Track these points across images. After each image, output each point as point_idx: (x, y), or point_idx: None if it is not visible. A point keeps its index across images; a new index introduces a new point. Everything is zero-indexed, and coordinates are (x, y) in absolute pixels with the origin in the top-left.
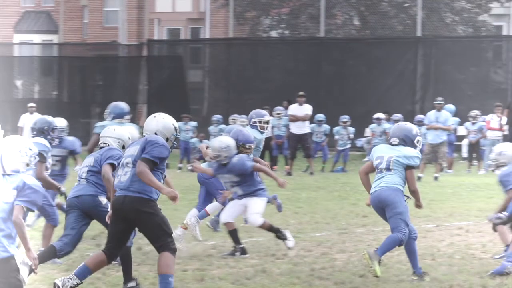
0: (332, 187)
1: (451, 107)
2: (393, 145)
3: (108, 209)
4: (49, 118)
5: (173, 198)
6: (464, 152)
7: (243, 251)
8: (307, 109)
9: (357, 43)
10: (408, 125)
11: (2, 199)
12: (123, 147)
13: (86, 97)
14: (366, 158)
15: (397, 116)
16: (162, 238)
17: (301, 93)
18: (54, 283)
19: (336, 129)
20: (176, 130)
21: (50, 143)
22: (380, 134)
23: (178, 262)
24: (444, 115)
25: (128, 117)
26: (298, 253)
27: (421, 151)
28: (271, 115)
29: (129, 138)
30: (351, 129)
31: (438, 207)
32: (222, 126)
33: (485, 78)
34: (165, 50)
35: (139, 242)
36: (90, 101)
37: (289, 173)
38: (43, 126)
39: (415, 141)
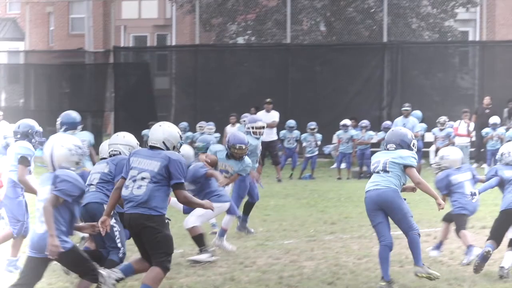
0: (300, 194)
1: (418, 113)
2: (389, 150)
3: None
4: (32, 121)
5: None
6: (432, 159)
7: (210, 253)
8: (274, 116)
9: (324, 49)
10: (402, 129)
11: (45, 196)
12: None
13: (53, 104)
14: (334, 165)
15: (365, 122)
16: (159, 256)
17: (268, 100)
18: (100, 273)
19: (303, 136)
20: (181, 137)
21: (34, 147)
22: (346, 140)
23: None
24: (411, 121)
25: (80, 126)
26: (267, 261)
27: None
28: (238, 122)
29: (137, 143)
30: (319, 136)
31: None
32: (189, 133)
33: (452, 84)
34: (131, 57)
35: None
36: (57, 108)
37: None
38: (27, 129)
39: (411, 145)
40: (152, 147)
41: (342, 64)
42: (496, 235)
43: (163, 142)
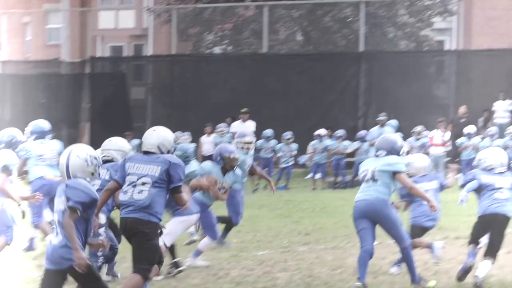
0: (275, 204)
1: (394, 122)
2: (379, 156)
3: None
4: (15, 131)
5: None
6: None
7: (177, 265)
8: (250, 125)
9: (300, 58)
10: (393, 136)
11: (59, 207)
12: None
13: (28, 115)
14: (309, 176)
15: (340, 132)
16: (142, 263)
17: (244, 109)
18: None
19: (278, 146)
20: (174, 142)
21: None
22: (321, 150)
23: (119, 281)
24: (387, 131)
25: (49, 135)
26: (240, 272)
27: None
28: (213, 132)
29: (130, 148)
30: (294, 146)
31: None
32: None
33: (428, 93)
34: (108, 67)
35: None
36: (32, 119)
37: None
38: (11, 139)
39: (400, 152)
40: (147, 152)
41: (318, 73)
42: (476, 240)
43: (158, 147)
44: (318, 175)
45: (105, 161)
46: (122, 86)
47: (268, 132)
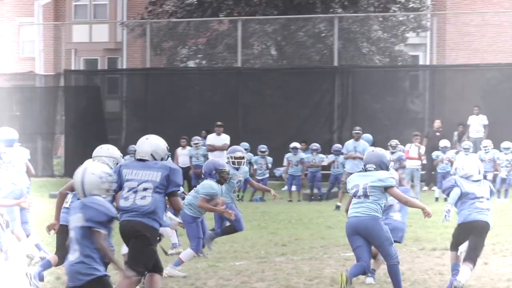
0: (251, 216)
1: (369, 136)
2: (368, 171)
3: None
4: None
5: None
6: None
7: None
8: (225, 139)
9: (275, 73)
10: (381, 151)
11: (76, 224)
12: (117, 164)
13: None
14: (285, 188)
15: (315, 145)
16: (138, 265)
17: (219, 123)
18: None
19: (254, 158)
20: (168, 149)
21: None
22: (296, 163)
23: None
24: (362, 145)
25: (18, 144)
26: (218, 282)
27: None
28: (189, 145)
29: (120, 156)
30: (269, 159)
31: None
32: None
33: (402, 108)
34: (82, 80)
35: (58, 272)
36: None
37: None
38: None
39: (389, 166)
40: (140, 160)
41: (293, 87)
42: (457, 244)
43: (151, 155)
44: (293, 187)
45: None
46: (96, 99)
47: (245, 144)
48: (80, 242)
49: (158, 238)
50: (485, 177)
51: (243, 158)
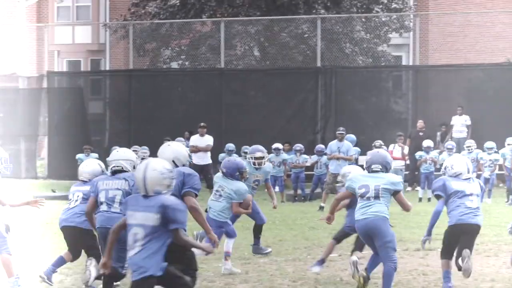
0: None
1: (353, 137)
2: (373, 171)
3: None
4: None
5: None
6: None
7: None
8: (208, 140)
9: (258, 73)
10: (383, 152)
11: (144, 222)
12: (134, 168)
13: None
14: (276, 189)
15: (299, 146)
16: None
17: (202, 124)
18: None
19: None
20: (189, 156)
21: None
22: (278, 164)
23: None
24: (345, 145)
25: None
26: (201, 284)
27: (324, 181)
28: None
29: (136, 157)
30: None
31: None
32: None
33: (386, 108)
34: (65, 82)
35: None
36: None
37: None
38: None
39: (389, 167)
40: None
41: (276, 88)
42: (450, 250)
43: (173, 161)
44: (276, 188)
45: (115, 172)
46: (79, 101)
47: (231, 146)
48: (146, 240)
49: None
50: (478, 177)
51: (263, 158)
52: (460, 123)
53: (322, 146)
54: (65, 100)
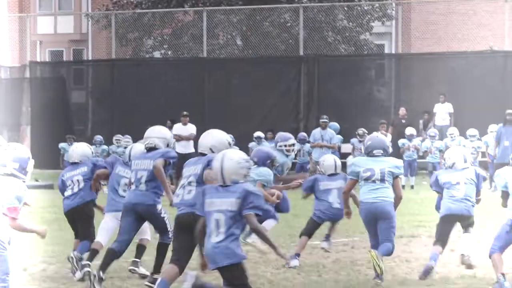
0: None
1: (336, 125)
2: (375, 156)
3: (163, 214)
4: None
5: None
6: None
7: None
8: (191, 128)
9: (240, 63)
10: (382, 136)
11: (225, 207)
12: (168, 146)
13: None
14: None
15: None
16: (182, 259)
17: (184, 113)
18: None
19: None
20: (230, 144)
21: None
22: None
23: None
24: (329, 133)
25: None
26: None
27: (307, 168)
28: None
29: (171, 136)
30: (236, 148)
31: (323, 224)
32: (104, 147)
33: (369, 96)
34: (48, 72)
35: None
36: None
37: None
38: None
39: (388, 151)
40: (201, 154)
41: (259, 77)
42: (442, 238)
43: (210, 149)
44: None
45: (149, 149)
46: (62, 90)
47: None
48: (229, 225)
49: None
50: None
51: (294, 145)
52: (442, 111)
53: (305, 134)
54: (48, 89)
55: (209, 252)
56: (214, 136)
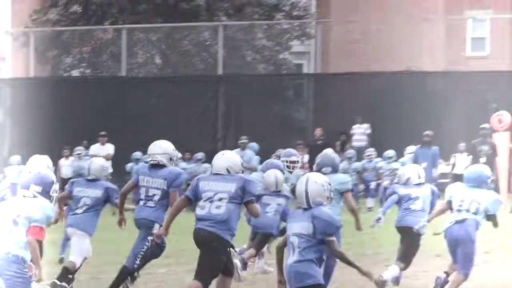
0: (135, 227)
1: (255, 145)
2: (324, 174)
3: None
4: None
5: None
6: None
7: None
8: (109, 148)
9: (159, 81)
10: (332, 153)
11: (299, 230)
12: (171, 160)
13: None
14: None
15: (200, 155)
16: (206, 275)
17: (102, 133)
18: None
19: (136, 167)
20: (242, 165)
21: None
22: None
23: None
24: (248, 154)
25: None
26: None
27: None
28: (71, 155)
29: (173, 149)
30: None
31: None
32: (23, 166)
33: (287, 116)
34: None
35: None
36: None
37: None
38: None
39: (338, 169)
40: (216, 174)
41: (177, 96)
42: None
43: (227, 169)
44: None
45: (152, 165)
46: None
47: (138, 154)
48: (304, 247)
49: (228, 249)
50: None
51: (297, 162)
52: (360, 132)
53: None
54: None
55: (286, 271)
56: (229, 158)
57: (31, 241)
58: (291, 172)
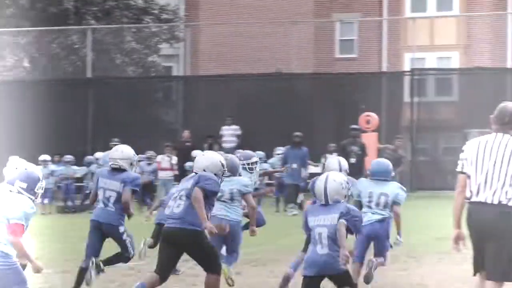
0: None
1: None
2: (225, 176)
3: (125, 237)
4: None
5: (210, 234)
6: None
7: None
8: None
9: (27, 85)
10: (235, 158)
11: (328, 222)
12: (131, 164)
13: None
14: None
15: (68, 157)
16: (212, 264)
17: None
18: None
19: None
20: (223, 166)
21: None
22: (47, 176)
23: None
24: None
25: None
26: None
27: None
28: None
29: (134, 155)
30: None
31: None
32: None
33: (157, 118)
34: None
35: None
36: None
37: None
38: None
39: (237, 173)
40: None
41: (46, 100)
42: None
43: (204, 169)
44: (46, 200)
45: (113, 169)
46: None
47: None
48: (332, 239)
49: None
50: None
51: (257, 162)
52: (229, 133)
53: (91, 157)
54: None
55: (311, 260)
56: (209, 158)
57: (14, 242)
58: (251, 173)
